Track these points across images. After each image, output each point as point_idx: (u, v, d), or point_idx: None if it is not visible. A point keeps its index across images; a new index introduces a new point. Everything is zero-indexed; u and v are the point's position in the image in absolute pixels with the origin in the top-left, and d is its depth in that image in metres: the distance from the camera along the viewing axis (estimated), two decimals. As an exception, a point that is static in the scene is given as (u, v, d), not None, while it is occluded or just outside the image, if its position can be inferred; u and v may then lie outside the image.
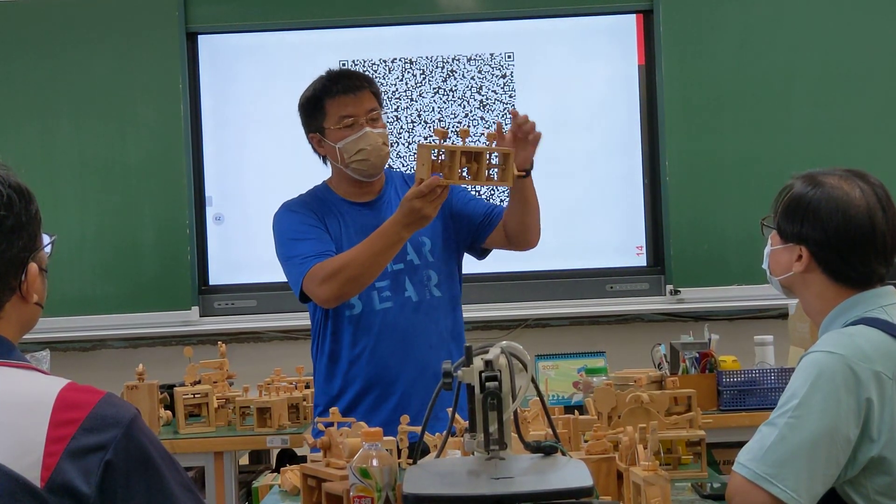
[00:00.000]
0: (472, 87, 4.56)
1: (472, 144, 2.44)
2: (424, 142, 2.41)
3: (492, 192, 4.32)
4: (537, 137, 2.57)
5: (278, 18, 4.55)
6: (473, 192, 3.06)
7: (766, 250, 2.03)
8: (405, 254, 2.73)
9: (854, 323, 1.86)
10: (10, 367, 1.40)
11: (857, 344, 1.80)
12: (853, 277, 1.90)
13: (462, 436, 1.93)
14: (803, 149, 4.41)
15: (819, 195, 1.90)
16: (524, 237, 2.76)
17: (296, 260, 2.68)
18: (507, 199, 2.76)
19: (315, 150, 2.84)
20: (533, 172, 2.65)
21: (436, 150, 2.40)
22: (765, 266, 2.03)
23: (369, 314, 2.72)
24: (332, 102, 2.73)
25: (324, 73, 2.81)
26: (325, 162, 2.85)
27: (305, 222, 2.74)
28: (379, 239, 2.55)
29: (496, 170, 2.48)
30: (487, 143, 2.53)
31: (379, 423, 2.60)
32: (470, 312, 4.29)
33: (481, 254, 2.91)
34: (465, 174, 2.45)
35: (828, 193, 1.89)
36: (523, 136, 2.56)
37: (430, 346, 2.74)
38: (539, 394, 1.91)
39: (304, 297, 2.69)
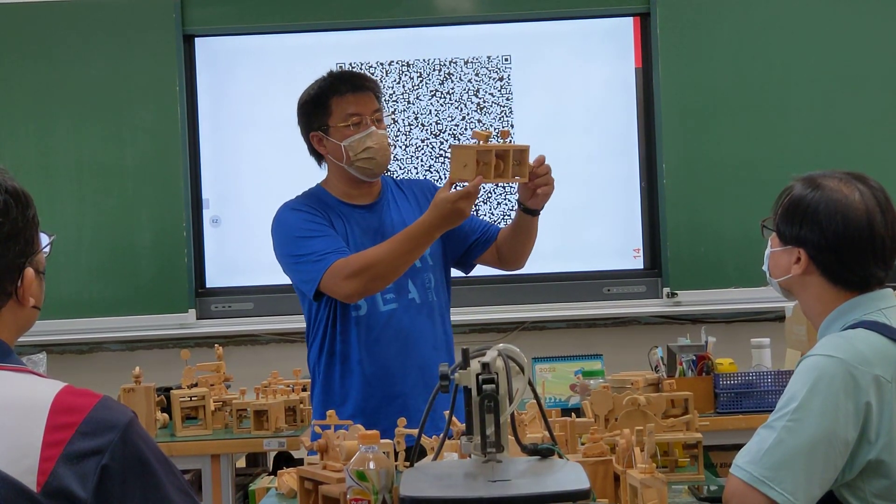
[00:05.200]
0: (469, 89, 4.56)
1: (493, 143, 2.49)
2: (461, 143, 2.46)
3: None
4: (550, 188, 2.64)
5: (275, 21, 4.55)
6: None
7: (766, 252, 2.03)
8: None
9: (853, 326, 1.86)
10: (6, 371, 1.39)
11: (857, 347, 1.80)
12: (852, 280, 1.89)
13: (459, 438, 1.93)
14: (800, 151, 4.41)
15: (818, 198, 1.90)
16: (515, 262, 2.87)
17: (310, 257, 2.65)
18: (509, 222, 2.82)
19: (312, 151, 2.83)
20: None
21: (481, 146, 2.44)
22: (765, 268, 2.03)
23: (374, 315, 2.72)
24: (339, 100, 2.73)
25: (325, 74, 2.81)
26: (319, 164, 2.85)
27: (312, 220, 2.71)
28: (410, 240, 2.58)
29: (514, 165, 2.52)
30: (502, 140, 2.57)
31: (384, 423, 2.60)
32: (467, 315, 4.33)
33: (468, 268, 2.95)
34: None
35: (827, 196, 1.89)
36: (536, 179, 2.60)
37: (433, 346, 2.75)
38: (536, 396, 1.91)
39: (318, 295, 2.67)
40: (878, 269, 1.89)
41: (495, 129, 4.47)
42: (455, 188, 2.51)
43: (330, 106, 2.73)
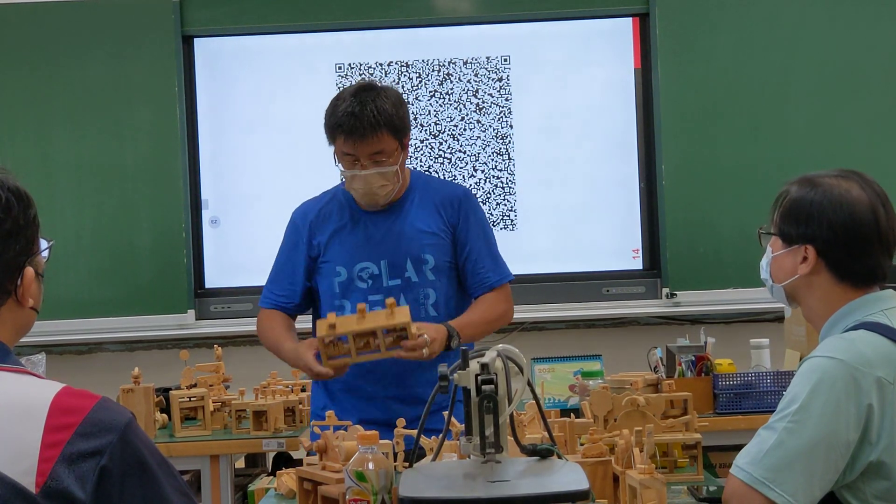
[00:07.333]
0: (468, 90, 4.56)
1: (364, 324, 2.48)
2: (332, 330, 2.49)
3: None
4: (413, 354, 2.52)
5: (274, 21, 4.55)
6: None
7: (765, 260, 2.01)
8: (403, 270, 2.71)
9: (854, 328, 1.85)
10: (5, 372, 1.39)
11: (859, 349, 1.80)
12: (860, 273, 1.89)
13: (458, 439, 1.93)
14: (799, 152, 4.42)
15: (820, 195, 1.90)
16: None
17: (267, 282, 2.86)
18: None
19: None
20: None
21: (327, 339, 2.49)
22: (765, 276, 2.01)
23: None
24: (339, 137, 2.66)
25: (351, 91, 2.69)
26: None
27: (288, 239, 2.83)
28: (283, 353, 2.76)
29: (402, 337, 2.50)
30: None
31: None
32: (466, 315, 4.31)
33: None
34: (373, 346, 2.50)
35: (829, 192, 1.90)
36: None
37: (418, 363, 2.60)
38: (535, 397, 1.91)
39: None
40: (883, 260, 1.89)
41: (485, 127, 4.48)
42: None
43: (334, 134, 2.68)
